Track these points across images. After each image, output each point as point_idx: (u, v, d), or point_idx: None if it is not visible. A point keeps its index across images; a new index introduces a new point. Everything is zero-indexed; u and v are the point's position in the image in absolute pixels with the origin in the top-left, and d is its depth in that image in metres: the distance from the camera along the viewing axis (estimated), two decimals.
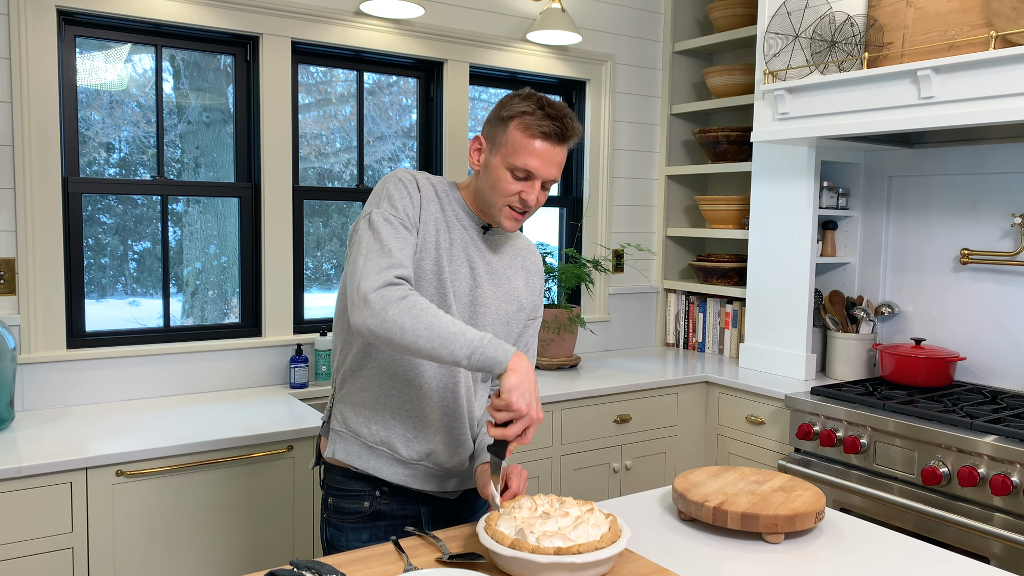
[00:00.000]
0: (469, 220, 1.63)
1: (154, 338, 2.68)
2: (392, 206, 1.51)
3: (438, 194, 1.60)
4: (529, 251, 1.75)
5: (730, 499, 1.56)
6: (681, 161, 3.83)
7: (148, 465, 2.09)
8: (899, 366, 2.84)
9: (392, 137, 3.20)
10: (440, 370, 1.58)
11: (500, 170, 1.53)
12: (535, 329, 1.75)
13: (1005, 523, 2.20)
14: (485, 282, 1.61)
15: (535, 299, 1.72)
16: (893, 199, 3.13)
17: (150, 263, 2.72)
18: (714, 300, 3.64)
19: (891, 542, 1.53)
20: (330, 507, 1.63)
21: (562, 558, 1.21)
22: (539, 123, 1.50)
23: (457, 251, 1.59)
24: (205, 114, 2.78)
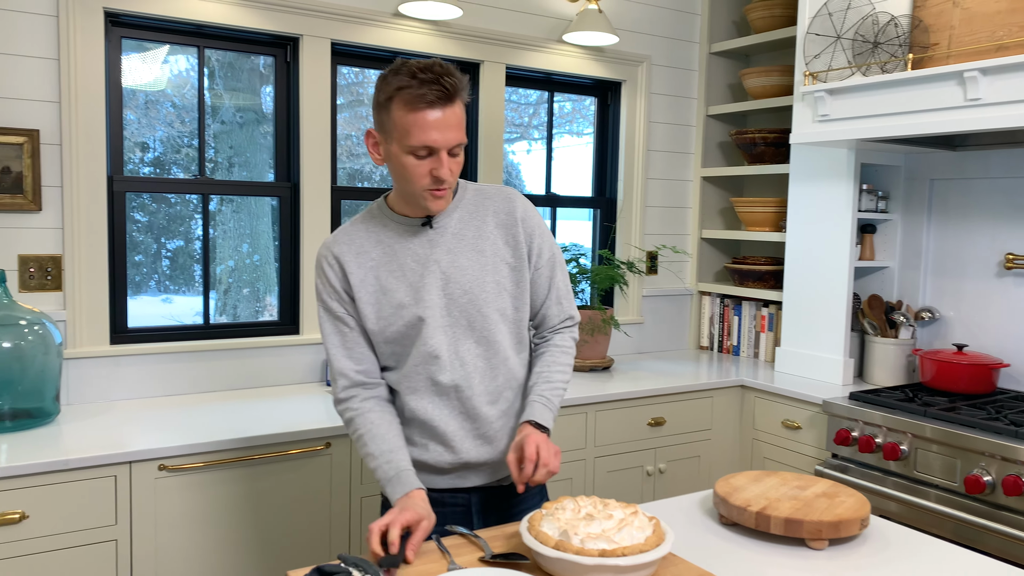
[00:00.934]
0: (407, 226, 1.58)
1: (194, 335, 2.72)
2: (321, 301, 1.62)
3: (370, 228, 1.60)
4: (499, 200, 1.63)
5: (773, 504, 1.55)
6: (716, 163, 3.80)
7: (190, 460, 2.12)
8: (940, 372, 2.80)
9: None
10: (436, 387, 1.59)
11: (402, 157, 1.46)
12: (551, 272, 1.65)
13: None
14: (454, 271, 1.56)
15: (524, 249, 1.61)
16: (935, 202, 3.08)
17: (183, 261, 2.75)
18: (749, 303, 3.61)
19: (937, 551, 1.51)
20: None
21: (607, 560, 1.21)
22: (419, 93, 1.40)
23: (411, 267, 1.56)
24: (239, 114, 2.81)
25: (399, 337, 1.57)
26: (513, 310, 1.62)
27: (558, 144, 3.53)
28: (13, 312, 2.21)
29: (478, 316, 1.57)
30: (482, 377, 1.60)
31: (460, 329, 1.58)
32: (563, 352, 1.68)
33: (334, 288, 1.58)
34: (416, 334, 1.56)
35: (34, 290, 2.42)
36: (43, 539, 1.95)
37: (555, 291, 1.68)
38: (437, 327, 1.55)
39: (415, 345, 1.57)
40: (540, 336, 1.72)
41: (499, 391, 1.62)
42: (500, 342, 1.61)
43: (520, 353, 1.66)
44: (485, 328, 1.58)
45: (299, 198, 2.84)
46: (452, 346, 1.57)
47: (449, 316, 1.56)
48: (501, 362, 1.61)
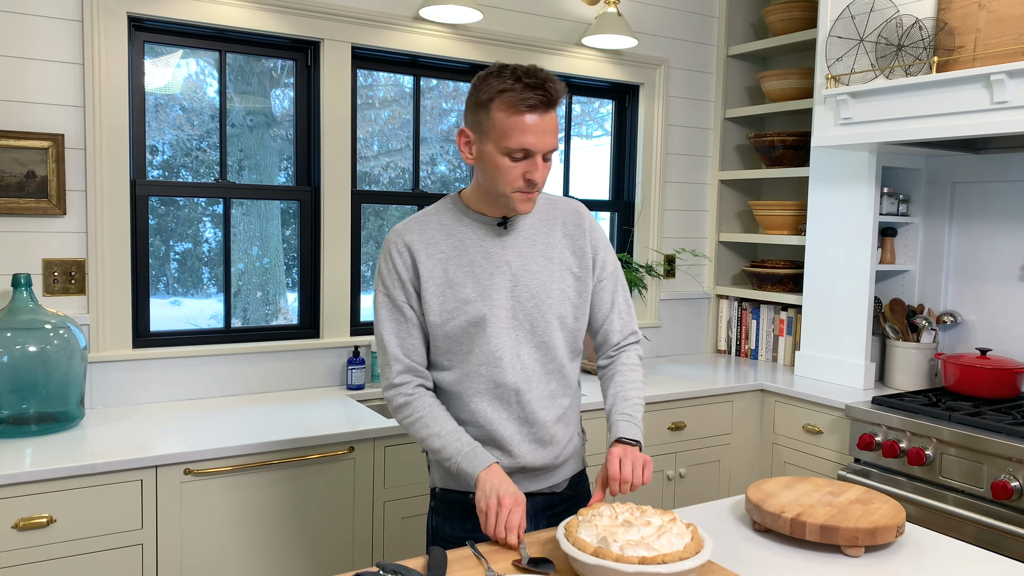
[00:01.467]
0: (481, 224, 1.59)
1: (216, 339, 2.72)
2: (384, 286, 1.60)
3: (442, 221, 1.60)
4: (569, 214, 1.66)
5: (807, 511, 1.54)
6: (734, 166, 3.79)
7: (215, 464, 2.12)
8: (963, 376, 2.78)
9: (432, 141, 3.20)
10: (498, 390, 1.59)
11: (496, 157, 1.48)
12: (614, 287, 1.68)
13: None
14: (523, 274, 1.58)
15: (588, 260, 1.64)
16: (956, 205, 3.06)
17: (192, 263, 2.75)
18: (768, 307, 3.60)
19: (973, 558, 1.50)
20: (437, 496, 1.68)
21: (648, 568, 1.20)
22: (522, 97, 1.43)
23: (481, 264, 1.57)
24: (249, 117, 2.81)
25: (459, 333, 1.57)
26: (573, 319, 1.64)
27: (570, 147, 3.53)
28: (38, 316, 2.21)
29: (540, 320, 1.59)
30: (539, 381, 1.61)
31: (523, 332, 1.58)
32: (631, 369, 1.68)
33: (399, 277, 1.57)
34: (479, 332, 1.56)
35: (58, 294, 2.42)
36: (70, 543, 1.95)
37: (617, 306, 1.69)
38: (501, 328, 1.56)
39: (476, 343, 1.56)
40: (606, 356, 1.72)
41: (554, 396, 1.63)
42: (557, 348, 1.62)
43: (573, 360, 1.68)
44: (546, 333, 1.60)
45: (319, 202, 2.84)
46: (514, 348, 1.58)
47: (514, 318, 1.57)
48: (557, 368, 1.63)
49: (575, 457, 1.72)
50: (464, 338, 1.57)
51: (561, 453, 1.66)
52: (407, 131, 3.09)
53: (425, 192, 3.12)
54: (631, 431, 1.56)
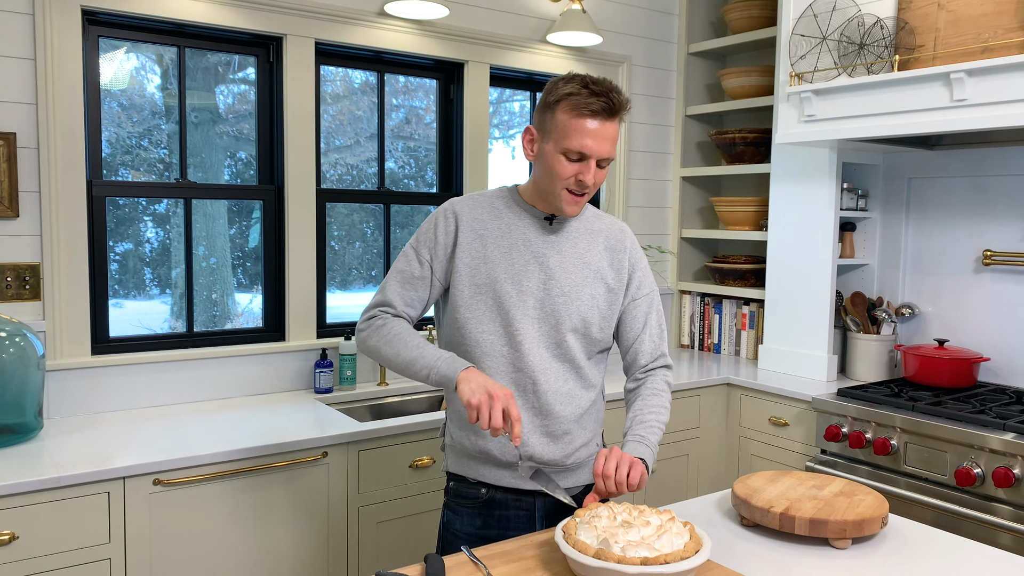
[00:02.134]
0: (531, 216, 1.66)
1: (178, 344, 2.64)
2: (416, 241, 1.67)
3: (494, 205, 1.66)
4: (613, 231, 1.73)
5: (795, 505, 1.55)
6: (695, 163, 3.83)
7: (185, 474, 2.05)
8: (923, 367, 2.86)
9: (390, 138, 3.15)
10: (516, 375, 1.61)
11: (554, 156, 1.55)
12: (648, 308, 1.71)
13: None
14: (559, 271, 1.62)
15: (624, 277, 1.70)
16: (912, 200, 3.14)
17: (133, 265, 2.63)
18: (730, 301, 3.65)
19: (955, 546, 1.53)
20: (450, 491, 1.70)
21: (651, 568, 1.20)
22: (586, 102, 1.50)
23: (521, 251, 1.62)
24: (194, 114, 2.72)
25: (484, 309, 1.60)
26: (598, 328, 1.66)
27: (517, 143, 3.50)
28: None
29: (566, 319, 1.62)
30: (557, 376, 1.63)
31: (546, 327, 1.62)
32: (655, 394, 1.67)
33: (435, 239, 1.64)
34: (503, 314, 1.60)
35: (11, 300, 2.32)
36: (34, 560, 1.86)
37: (649, 328, 1.72)
38: (525, 315, 1.60)
39: (500, 324, 1.60)
40: (633, 379, 1.73)
41: (572, 393, 1.65)
42: (574, 349, 1.65)
43: (596, 366, 1.70)
44: (569, 332, 1.63)
45: (284, 201, 2.78)
46: (536, 339, 1.61)
47: (540, 310, 1.61)
48: (575, 369, 1.65)
49: (589, 465, 1.71)
50: (487, 316, 1.60)
51: (574, 454, 1.66)
52: (355, 127, 3.03)
53: (391, 191, 3.07)
54: (639, 451, 1.56)
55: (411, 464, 2.40)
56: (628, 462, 1.47)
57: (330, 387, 2.77)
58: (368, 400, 2.83)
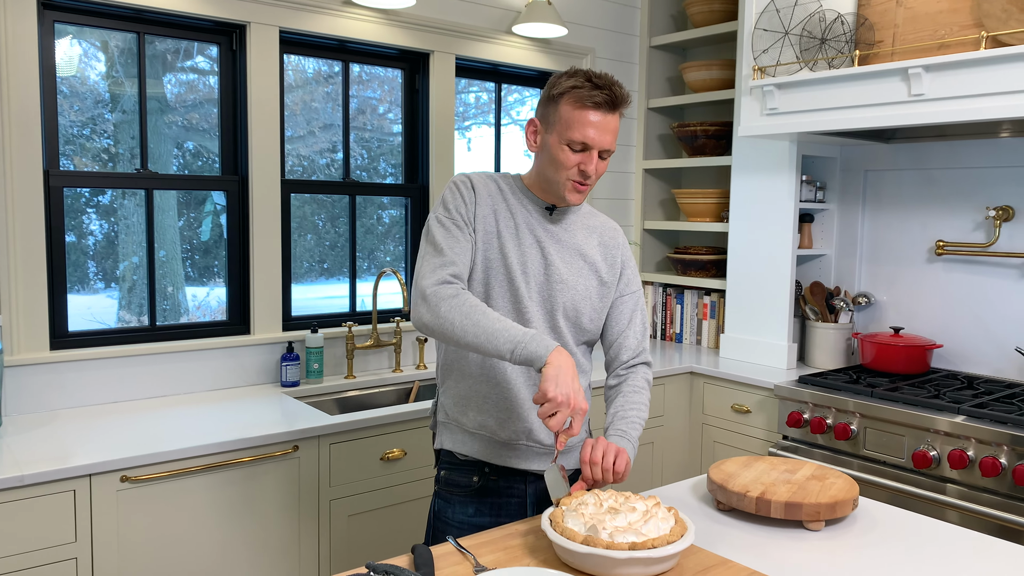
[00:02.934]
0: (533, 204, 1.69)
1: (140, 338, 2.58)
2: (445, 209, 1.64)
3: (500, 187, 1.69)
4: (607, 228, 1.78)
5: (769, 489, 1.59)
6: (656, 155, 3.87)
7: (155, 470, 2.01)
8: (879, 354, 2.95)
9: (336, 128, 3.11)
10: None
11: (558, 147, 1.59)
12: (634, 306, 1.75)
13: (996, 503, 2.31)
14: (557, 260, 1.66)
15: (616, 272, 1.74)
16: (868, 192, 3.23)
17: (76, 257, 2.54)
18: (692, 292, 3.71)
19: (923, 527, 1.59)
20: (441, 479, 1.72)
21: (639, 553, 1.22)
22: (589, 94, 1.55)
23: (525, 234, 1.66)
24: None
25: (495, 284, 1.63)
26: (588, 319, 1.69)
27: (473, 135, 3.49)
28: None
29: (561, 306, 1.65)
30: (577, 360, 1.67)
31: (544, 311, 1.66)
32: (636, 391, 1.70)
33: (463, 201, 1.64)
34: (512, 290, 1.63)
35: None
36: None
37: (634, 325, 1.75)
38: (531, 296, 1.64)
39: (508, 300, 1.63)
40: (615, 375, 1.75)
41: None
42: (567, 336, 1.68)
43: (578, 348, 1.73)
44: (562, 319, 1.66)
45: (248, 192, 2.73)
46: (539, 319, 1.65)
47: (540, 294, 1.65)
48: (571, 353, 1.67)
49: (577, 449, 1.74)
50: (498, 291, 1.63)
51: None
52: (308, 117, 2.98)
53: (356, 182, 3.05)
54: (621, 445, 1.58)
55: (382, 456, 2.39)
56: (614, 451, 1.50)
57: (297, 380, 2.74)
58: (335, 393, 2.81)
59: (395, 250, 3.23)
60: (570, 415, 1.40)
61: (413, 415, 2.44)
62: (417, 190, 3.20)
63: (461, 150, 3.42)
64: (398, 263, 3.24)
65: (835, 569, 1.38)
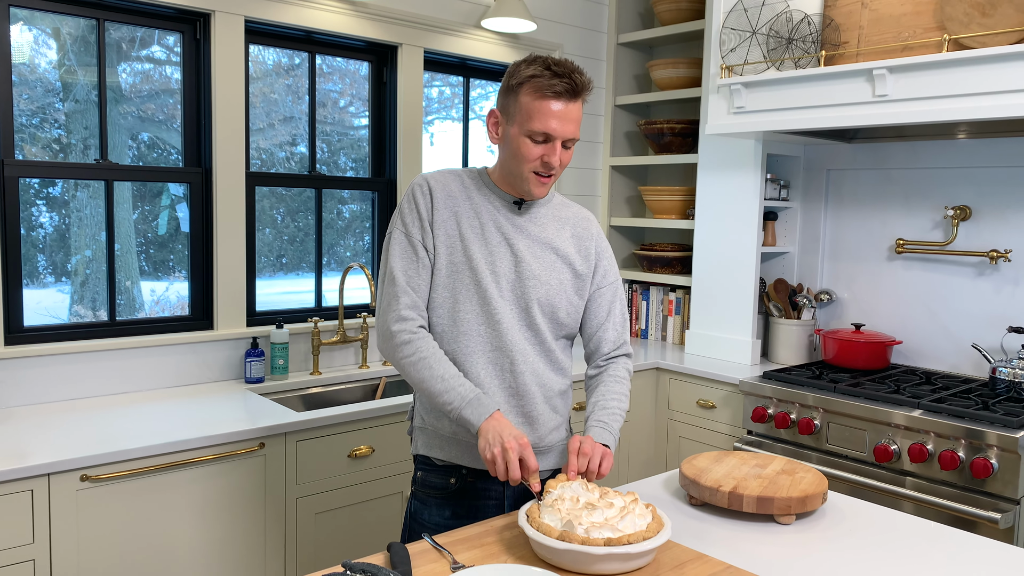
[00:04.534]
0: (500, 199, 1.65)
1: (99, 333, 2.51)
2: (403, 223, 1.62)
3: (464, 184, 1.65)
4: (580, 219, 1.74)
5: (741, 483, 1.61)
6: (623, 152, 3.89)
7: (115, 468, 1.96)
8: (841, 350, 3.00)
9: (297, 121, 3.07)
10: (493, 353, 1.61)
11: (519, 139, 1.56)
12: (612, 297, 1.73)
13: (953, 495, 2.37)
14: (528, 255, 1.63)
15: (591, 264, 1.71)
16: (831, 191, 3.29)
17: (24, 250, 2.46)
18: (657, 288, 3.73)
19: (890, 520, 1.62)
20: (418, 481, 1.69)
21: (615, 549, 1.22)
22: (549, 83, 1.51)
23: (491, 233, 1.62)
24: (95, 92, 2.56)
25: (461, 289, 1.59)
26: (565, 314, 1.67)
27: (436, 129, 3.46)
28: None
29: (536, 303, 1.62)
30: (533, 356, 1.64)
31: (519, 309, 1.62)
32: (618, 381, 1.70)
33: (420, 215, 1.61)
34: (480, 293, 1.59)
35: None
36: None
37: (613, 317, 1.74)
38: (502, 296, 1.60)
39: (477, 304, 1.59)
40: (595, 366, 1.75)
41: (546, 375, 1.65)
42: (545, 332, 1.65)
43: (564, 351, 1.71)
44: (539, 315, 1.63)
45: (211, 184, 2.67)
46: (511, 318, 1.61)
47: (513, 292, 1.62)
48: (548, 352, 1.66)
49: (557, 450, 1.71)
50: (464, 295, 1.59)
51: (547, 437, 1.67)
52: (268, 110, 2.92)
53: (322, 175, 3.00)
54: (603, 436, 1.58)
55: (349, 454, 2.36)
56: (600, 452, 1.50)
57: (261, 377, 2.69)
58: (301, 390, 2.77)
59: (356, 245, 3.19)
60: (516, 454, 1.42)
61: (381, 412, 2.42)
62: (384, 184, 3.17)
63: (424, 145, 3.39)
64: (360, 257, 3.21)
65: (807, 561, 1.40)
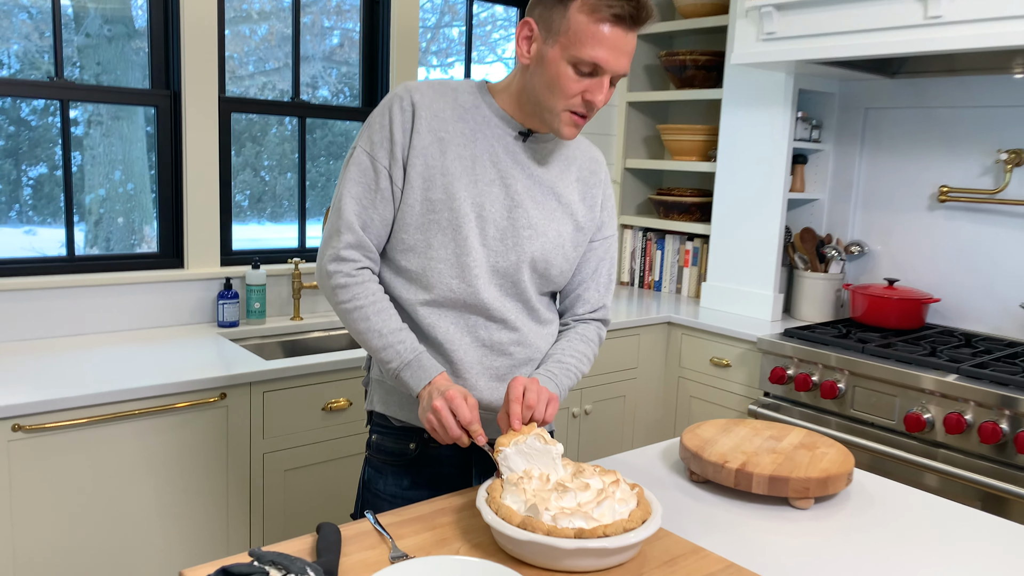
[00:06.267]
0: (503, 126, 1.35)
1: (56, 269, 2.31)
2: (369, 141, 1.34)
3: (458, 102, 1.34)
4: (587, 159, 1.45)
5: (751, 459, 1.37)
6: (642, 87, 3.58)
7: (53, 418, 1.76)
8: (871, 307, 2.73)
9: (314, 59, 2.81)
10: (463, 313, 1.36)
11: (560, 65, 1.25)
12: (603, 254, 1.48)
13: (992, 472, 2.12)
14: (527, 200, 1.35)
15: (596, 216, 1.45)
16: (868, 132, 2.97)
17: (50, 189, 2.29)
18: (673, 237, 3.46)
19: (927, 505, 1.38)
20: (373, 445, 1.47)
21: (588, 543, 0.99)
22: (610, 3, 1.22)
23: (484, 167, 1.33)
24: (107, 27, 2.33)
25: (436, 231, 1.32)
26: (558, 272, 1.41)
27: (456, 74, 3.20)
28: None
29: (527, 256, 1.36)
30: (514, 312, 1.38)
31: (504, 261, 1.35)
32: (583, 342, 1.45)
33: (392, 136, 1.32)
34: (459, 239, 1.32)
35: None
36: None
37: (599, 276, 1.49)
38: (486, 243, 1.34)
39: (452, 250, 1.33)
40: (563, 323, 1.50)
41: (524, 334, 1.40)
42: (530, 291, 1.40)
43: (541, 297, 1.44)
44: (527, 270, 1.37)
45: (180, 109, 2.43)
46: (490, 273, 1.35)
47: (502, 242, 1.34)
48: (530, 309, 1.41)
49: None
50: (438, 239, 1.33)
51: None
52: (286, 48, 2.67)
53: (307, 103, 2.75)
54: (548, 386, 1.34)
55: (325, 407, 2.16)
56: (547, 397, 1.25)
57: (236, 321, 2.48)
58: (280, 336, 2.56)
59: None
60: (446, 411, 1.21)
61: (359, 362, 2.20)
62: None
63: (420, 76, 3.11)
64: None
65: (826, 555, 1.16)
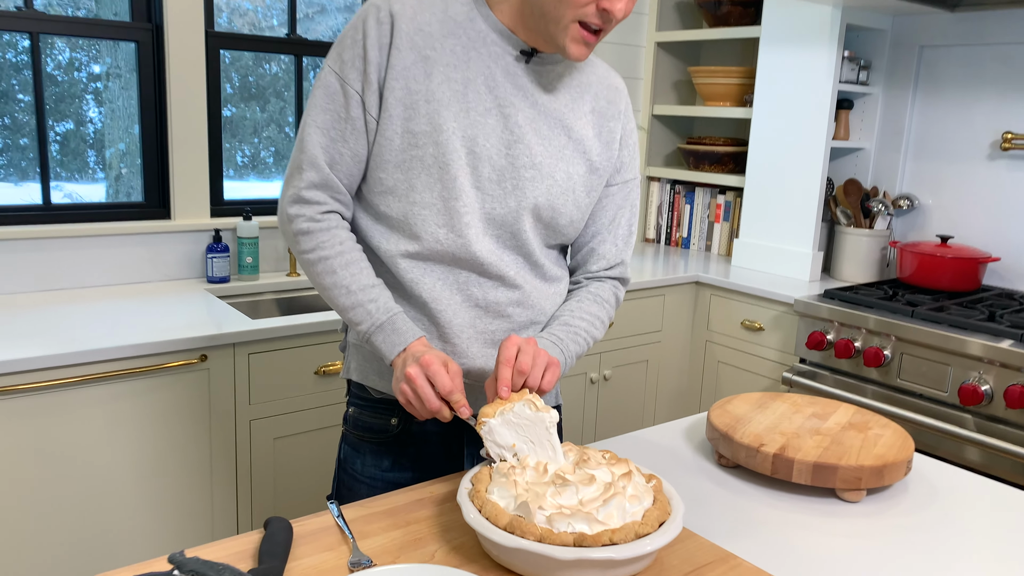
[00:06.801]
0: (503, 44, 1.12)
1: (30, 218, 2.14)
2: (339, 59, 1.11)
3: (448, 14, 1.11)
4: (605, 87, 1.21)
5: (791, 442, 1.16)
6: (672, 25, 3.30)
7: (23, 379, 1.60)
8: (922, 266, 2.48)
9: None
10: (452, 268, 1.14)
11: None
12: (622, 201, 1.25)
13: None
14: (530, 133, 1.13)
15: (613, 155, 1.21)
16: (923, 74, 2.69)
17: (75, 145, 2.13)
18: (704, 190, 3.21)
19: (997, 497, 1.16)
20: (349, 419, 1.27)
21: (590, 552, 0.79)
22: None
23: (479, 93, 1.11)
24: None
25: (419, 170, 1.10)
26: (567, 221, 1.18)
27: None
28: None
29: (530, 201, 1.14)
30: (512, 266, 1.16)
31: (502, 207, 1.13)
32: (596, 301, 1.23)
33: (364, 51, 1.09)
34: (447, 179, 1.10)
35: None
36: None
37: (617, 228, 1.26)
38: (477, 189, 1.12)
39: (439, 193, 1.11)
40: (575, 280, 1.28)
41: (526, 292, 1.19)
42: (532, 243, 1.17)
43: (547, 250, 1.22)
44: (529, 218, 1.15)
45: (163, 44, 2.22)
46: (485, 221, 1.13)
47: (499, 185, 1.12)
48: (533, 264, 1.20)
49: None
50: (422, 179, 1.11)
51: None
52: None
53: (304, 39, 2.52)
54: (552, 351, 1.13)
55: (317, 370, 1.98)
56: (544, 361, 1.04)
57: (226, 276, 2.30)
58: (274, 293, 2.38)
59: None
60: (422, 379, 1.00)
61: None
62: None
63: None
64: None
65: (881, 561, 0.96)
